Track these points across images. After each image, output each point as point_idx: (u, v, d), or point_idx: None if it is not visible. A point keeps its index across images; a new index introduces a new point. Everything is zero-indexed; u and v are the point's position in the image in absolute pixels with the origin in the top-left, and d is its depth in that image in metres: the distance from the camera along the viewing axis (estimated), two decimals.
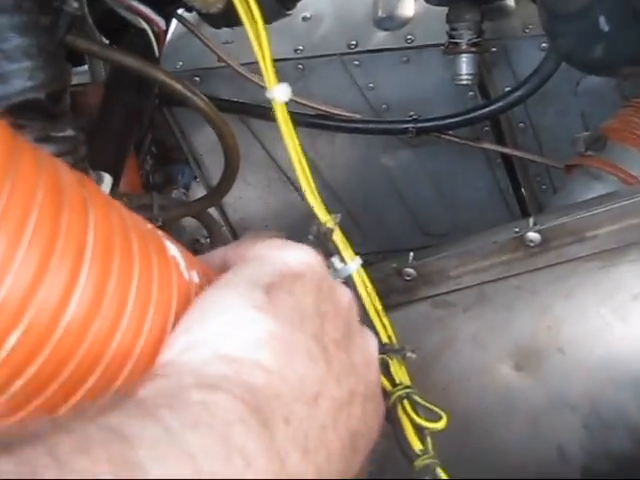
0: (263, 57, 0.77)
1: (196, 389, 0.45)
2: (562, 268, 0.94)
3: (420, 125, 1.45)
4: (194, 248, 1.74)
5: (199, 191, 1.80)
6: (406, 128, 1.45)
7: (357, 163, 1.71)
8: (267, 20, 0.78)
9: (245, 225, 1.91)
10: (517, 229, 0.95)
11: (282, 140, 1.70)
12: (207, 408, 0.44)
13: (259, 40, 0.77)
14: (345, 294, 0.62)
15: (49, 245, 0.43)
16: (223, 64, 1.46)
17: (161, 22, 1.04)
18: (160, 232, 0.55)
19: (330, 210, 0.77)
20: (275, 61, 1.49)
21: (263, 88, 1.42)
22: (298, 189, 1.79)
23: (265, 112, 1.54)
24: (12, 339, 0.43)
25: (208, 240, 1.73)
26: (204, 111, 1.06)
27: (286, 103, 0.75)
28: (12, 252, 0.42)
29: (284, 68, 1.50)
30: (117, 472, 0.36)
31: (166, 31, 1.10)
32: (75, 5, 0.99)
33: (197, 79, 1.60)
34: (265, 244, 0.59)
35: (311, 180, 0.77)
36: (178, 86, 1.01)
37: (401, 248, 1.87)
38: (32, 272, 0.42)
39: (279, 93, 0.75)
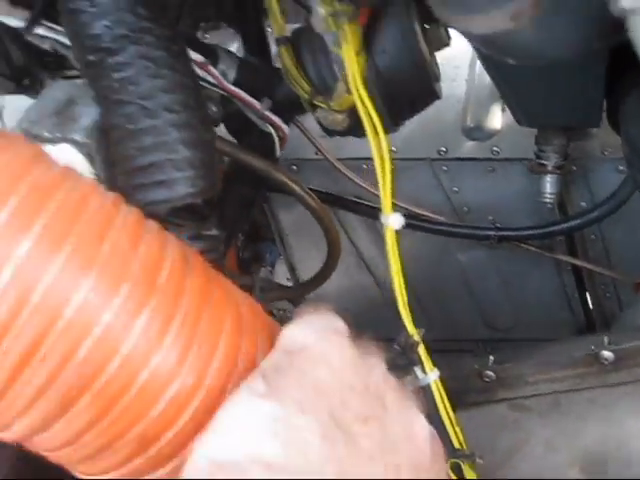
0: (384, 185, 0.88)
1: None
2: (633, 387, 1.03)
3: (501, 234, 1.55)
4: (280, 317, 1.83)
5: (281, 269, 1.91)
6: (488, 235, 1.55)
7: (433, 255, 1.80)
8: None
9: (318, 301, 2.00)
10: (593, 347, 1.04)
11: (365, 232, 1.79)
12: None
13: (384, 169, 0.88)
14: (377, 366, 0.60)
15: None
16: (320, 156, 1.57)
17: (286, 129, 1.16)
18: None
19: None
20: (370, 160, 1.61)
21: (357, 184, 1.53)
22: (373, 274, 1.89)
23: (353, 205, 1.66)
24: (154, 412, 0.53)
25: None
26: (316, 211, 1.17)
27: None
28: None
29: None
30: None
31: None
32: (214, 109, 1.12)
33: (294, 167, 1.72)
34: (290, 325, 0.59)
35: (405, 296, 0.88)
36: (297, 188, 1.13)
37: (464, 337, 1.96)
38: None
39: (393, 221, 0.86)
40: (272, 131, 1.14)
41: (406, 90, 1.06)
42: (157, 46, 0.85)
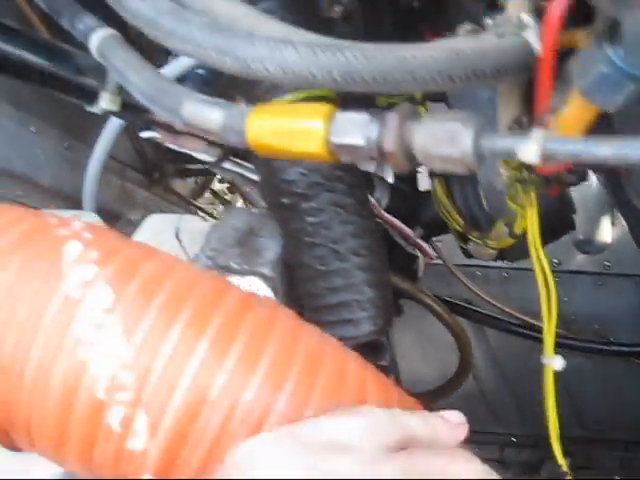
0: (549, 329, 0.94)
1: None
2: None
3: (614, 348, 1.60)
4: None
5: None
6: (601, 349, 1.60)
7: (534, 356, 1.85)
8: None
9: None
10: None
11: (470, 334, 1.82)
12: None
13: (550, 317, 0.94)
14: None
15: None
16: (436, 261, 1.62)
17: (432, 253, 1.24)
18: None
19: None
20: (484, 267, 1.66)
21: (471, 291, 1.58)
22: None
23: (463, 310, 1.71)
24: None
25: None
26: (450, 326, 1.24)
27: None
28: None
29: (491, 274, 1.68)
30: None
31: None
32: None
33: None
34: None
35: (557, 429, 0.94)
36: (440, 310, 1.20)
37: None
38: None
39: (555, 363, 0.93)
40: (419, 254, 1.22)
41: (549, 222, 1.12)
42: (347, 193, 0.92)
